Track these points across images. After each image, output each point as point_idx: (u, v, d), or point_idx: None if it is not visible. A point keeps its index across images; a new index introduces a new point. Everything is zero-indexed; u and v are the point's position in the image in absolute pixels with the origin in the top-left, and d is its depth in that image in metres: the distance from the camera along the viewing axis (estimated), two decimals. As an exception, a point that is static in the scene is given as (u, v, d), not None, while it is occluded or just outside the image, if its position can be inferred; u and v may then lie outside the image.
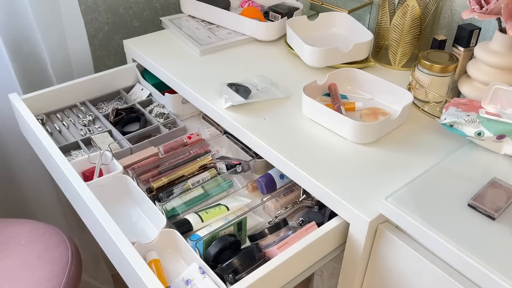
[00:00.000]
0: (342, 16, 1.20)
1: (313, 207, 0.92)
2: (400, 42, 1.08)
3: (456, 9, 1.09)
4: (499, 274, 0.57)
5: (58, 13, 1.19)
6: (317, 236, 0.74)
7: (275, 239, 0.80)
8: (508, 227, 0.63)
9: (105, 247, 0.83)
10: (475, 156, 0.79)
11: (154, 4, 1.49)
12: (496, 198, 0.68)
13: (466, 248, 0.60)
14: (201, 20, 1.32)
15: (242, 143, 0.97)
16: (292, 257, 0.71)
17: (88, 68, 1.31)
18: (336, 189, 0.75)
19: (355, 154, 0.83)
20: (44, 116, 1.12)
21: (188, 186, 0.93)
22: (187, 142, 1.03)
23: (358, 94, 1.01)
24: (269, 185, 0.93)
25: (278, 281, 0.74)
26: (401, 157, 0.83)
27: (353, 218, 0.73)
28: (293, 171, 0.81)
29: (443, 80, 0.93)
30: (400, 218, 0.67)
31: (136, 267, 0.69)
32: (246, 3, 1.38)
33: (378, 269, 0.76)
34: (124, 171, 0.94)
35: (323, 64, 1.07)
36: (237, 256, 0.75)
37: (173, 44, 1.23)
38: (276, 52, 1.19)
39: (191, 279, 0.73)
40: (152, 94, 1.21)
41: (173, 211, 0.88)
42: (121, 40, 1.29)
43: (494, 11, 0.79)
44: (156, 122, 1.11)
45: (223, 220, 0.87)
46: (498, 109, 0.79)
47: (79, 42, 1.26)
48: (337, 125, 0.87)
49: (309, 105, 0.90)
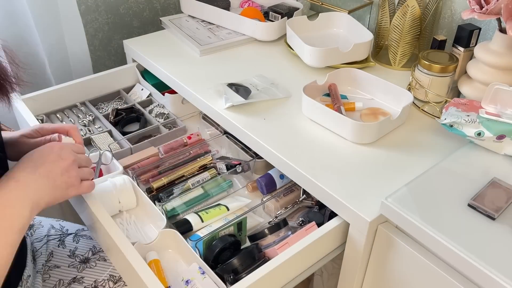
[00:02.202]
0: (342, 16, 1.20)
1: (313, 207, 0.92)
2: (400, 42, 1.08)
3: (456, 9, 1.09)
4: (499, 274, 0.57)
5: (56, 13, 1.19)
6: (317, 236, 0.74)
7: (275, 239, 0.80)
8: (508, 227, 0.63)
9: (105, 247, 0.83)
10: (475, 156, 0.79)
11: (154, 4, 1.49)
12: (496, 198, 0.67)
13: (466, 248, 0.60)
14: (201, 20, 1.32)
15: (242, 143, 0.97)
16: (292, 257, 0.71)
17: (86, 69, 1.31)
18: (336, 189, 0.75)
19: (355, 154, 0.83)
20: (44, 116, 1.12)
21: (188, 186, 0.93)
22: (187, 142, 1.03)
23: (358, 94, 1.01)
24: (269, 185, 0.93)
25: (278, 281, 0.74)
26: (401, 157, 0.83)
27: (353, 218, 0.73)
28: (293, 171, 0.81)
29: (443, 80, 0.93)
30: (400, 218, 0.67)
31: (136, 267, 0.69)
32: (246, 3, 1.38)
33: (378, 269, 0.76)
34: (124, 171, 0.94)
35: (323, 64, 1.07)
36: (237, 256, 0.75)
37: (173, 44, 1.23)
38: (276, 52, 1.19)
39: (191, 279, 0.73)
40: (152, 94, 1.21)
41: (173, 211, 0.88)
42: (121, 40, 1.29)
43: (494, 11, 0.79)
44: (156, 122, 1.11)
45: (223, 220, 0.87)
46: (498, 109, 0.79)
47: (78, 43, 1.26)
48: (337, 125, 0.87)
49: (309, 105, 0.90)
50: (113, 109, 1.13)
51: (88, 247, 0.87)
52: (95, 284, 0.80)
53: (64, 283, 0.80)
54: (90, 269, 0.82)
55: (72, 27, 1.23)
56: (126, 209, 0.89)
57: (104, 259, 0.85)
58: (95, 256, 0.85)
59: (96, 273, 0.82)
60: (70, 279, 0.81)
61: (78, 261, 0.84)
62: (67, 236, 0.89)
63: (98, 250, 0.86)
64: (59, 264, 0.83)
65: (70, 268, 0.82)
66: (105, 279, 0.81)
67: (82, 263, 0.83)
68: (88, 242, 0.88)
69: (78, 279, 0.80)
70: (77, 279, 0.81)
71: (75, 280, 0.80)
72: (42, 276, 0.81)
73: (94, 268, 0.83)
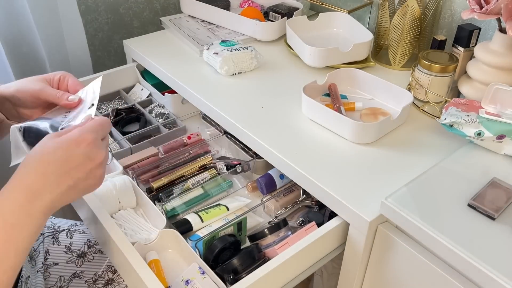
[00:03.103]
0: (342, 16, 1.20)
1: (313, 207, 0.92)
2: (400, 42, 1.08)
3: (456, 9, 1.09)
4: (499, 274, 0.57)
5: (56, 13, 1.19)
6: (317, 236, 0.74)
7: (275, 239, 0.80)
8: (508, 227, 0.63)
9: (105, 247, 0.83)
10: (475, 156, 0.79)
11: (154, 4, 1.49)
12: (496, 198, 0.67)
13: (466, 248, 0.60)
14: (201, 20, 1.32)
15: (242, 143, 0.97)
16: (292, 257, 0.71)
17: (87, 69, 1.31)
18: (336, 189, 0.75)
19: (355, 154, 0.83)
20: (44, 116, 1.12)
21: (188, 186, 0.93)
22: (187, 142, 1.03)
23: (358, 94, 1.01)
24: (269, 185, 0.93)
25: (278, 281, 0.74)
26: (401, 157, 0.83)
27: (353, 218, 0.73)
28: (293, 171, 0.81)
29: (443, 80, 0.93)
30: (400, 218, 0.67)
31: (136, 267, 0.69)
32: (246, 3, 1.38)
33: (378, 269, 0.76)
34: (124, 171, 0.94)
35: (323, 64, 1.07)
36: (237, 256, 0.75)
37: (173, 44, 1.23)
38: (276, 52, 1.19)
39: (191, 279, 0.73)
40: (152, 94, 1.21)
41: (173, 211, 0.88)
42: (121, 40, 1.29)
43: (494, 11, 0.79)
44: (156, 122, 1.11)
45: (223, 220, 0.87)
46: (498, 109, 0.79)
47: (78, 43, 1.26)
48: (337, 125, 0.87)
49: (309, 105, 0.90)
50: (113, 109, 1.13)
51: (83, 241, 0.86)
52: (95, 277, 0.80)
53: (65, 279, 0.80)
54: (89, 263, 0.82)
55: (72, 27, 1.23)
56: (126, 209, 0.89)
57: (101, 251, 0.84)
58: (91, 249, 0.85)
59: (95, 266, 0.82)
60: (71, 275, 0.80)
61: (76, 256, 0.83)
62: (60, 232, 0.88)
63: (93, 243, 0.86)
64: (57, 261, 0.83)
65: (68, 264, 0.82)
66: (104, 270, 0.81)
67: (80, 258, 0.83)
68: (82, 236, 0.87)
69: (78, 274, 0.80)
70: (77, 274, 0.80)
71: (75, 275, 0.80)
72: (43, 274, 0.81)
73: (92, 261, 0.82)
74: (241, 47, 1.07)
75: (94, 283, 0.79)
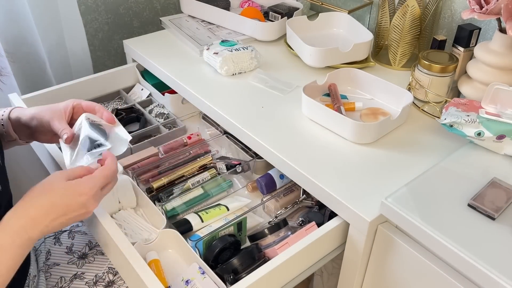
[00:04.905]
0: (342, 16, 1.20)
1: (313, 207, 0.92)
2: (400, 42, 1.08)
3: (456, 9, 1.09)
4: (499, 274, 0.57)
5: (57, 13, 1.19)
6: (317, 236, 0.74)
7: (275, 239, 0.80)
8: (508, 227, 0.63)
9: (105, 247, 0.83)
10: (475, 156, 0.79)
11: (154, 4, 1.49)
12: (496, 198, 0.68)
13: (466, 248, 0.60)
14: (201, 20, 1.32)
15: (242, 143, 0.97)
16: (292, 257, 0.71)
17: (87, 69, 1.31)
18: (336, 189, 0.75)
19: (355, 154, 0.83)
20: (44, 116, 1.12)
21: (188, 186, 0.93)
22: (187, 142, 1.03)
23: (358, 94, 1.01)
24: (269, 185, 0.93)
25: (278, 281, 0.74)
26: (401, 157, 0.83)
27: (353, 218, 0.73)
28: (293, 171, 0.81)
29: (443, 80, 0.93)
30: (400, 218, 0.67)
31: (136, 267, 0.69)
32: (246, 3, 1.38)
33: (378, 269, 0.76)
34: (124, 171, 0.94)
35: (323, 64, 1.07)
36: (237, 256, 0.75)
37: (173, 44, 1.23)
38: (276, 52, 1.19)
39: (191, 279, 0.73)
40: (152, 94, 1.21)
41: (173, 211, 0.88)
42: (121, 40, 1.29)
43: (494, 11, 0.79)
44: (156, 122, 1.11)
45: (223, 220, 0.87)
46: (498, 109, 0.79)
47: (78, 43, 1.26)
48: (337, 125, 0.87)
49: (309, 105, 0.90)
50: (113, 109, 1.13)
51: (84, 243, 0.87)
52: (96, 278, 0.80)
53: (65, 280, 0.80)
54: (89, 264, 0.83)
55: (72, 27, 1.23)
56: (126, 209, 0.89)
57: (102, 253, 0.85)
58: (92, 251, 0.85)
59: (96, 267, 0.82)
60: (71, 276, 0.81)
61: (77, 257, 0.84)
62: (62, 233, 0.89)
63: (95, 245, 0.86)
64: (58, 262, 0.83)
65: (69, 264, 0.82)
66: (105, 272, 0.81)
67: (81, 259, 0.83)
68: (83, 238, 0.88)
69: (79, 275, 0.81)
70: (78, 275, 0.81)
71: (76, 276, 0.81)
72: (44, 274, 0.81)
73: (93, 262, 0.83)
74: (241, 47, 1.07)
75: (94, 285, 0.79)
